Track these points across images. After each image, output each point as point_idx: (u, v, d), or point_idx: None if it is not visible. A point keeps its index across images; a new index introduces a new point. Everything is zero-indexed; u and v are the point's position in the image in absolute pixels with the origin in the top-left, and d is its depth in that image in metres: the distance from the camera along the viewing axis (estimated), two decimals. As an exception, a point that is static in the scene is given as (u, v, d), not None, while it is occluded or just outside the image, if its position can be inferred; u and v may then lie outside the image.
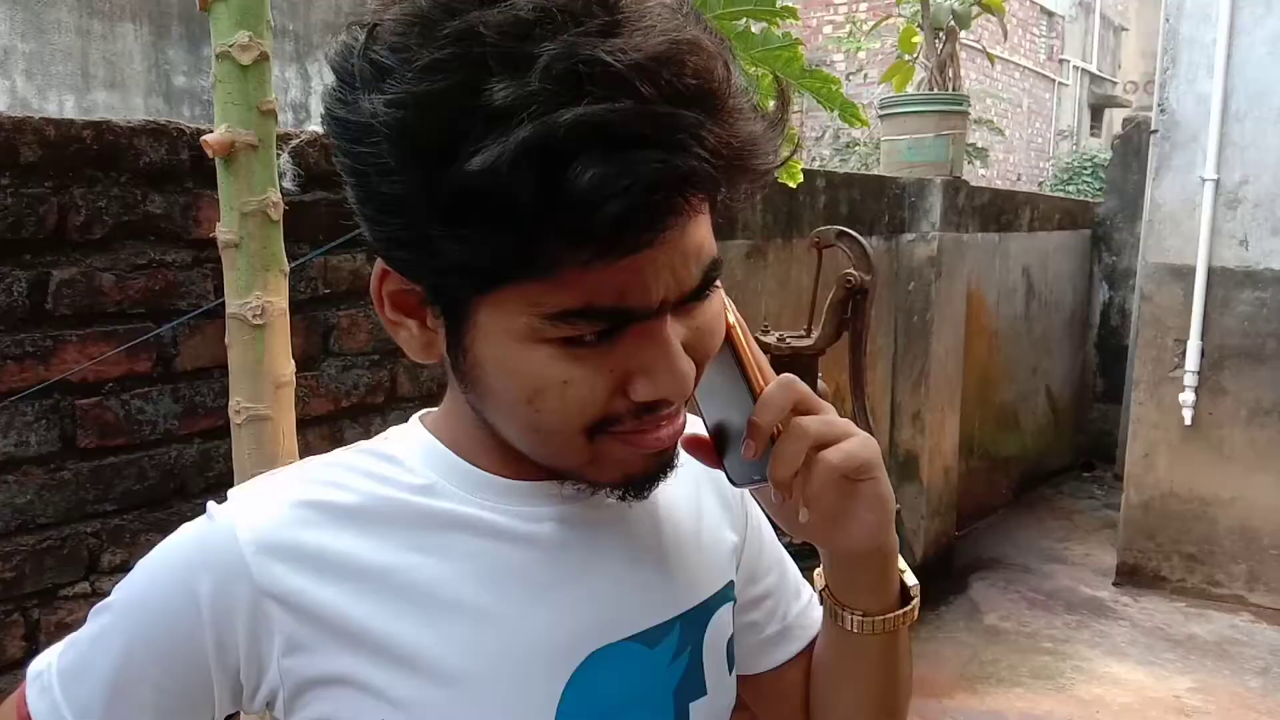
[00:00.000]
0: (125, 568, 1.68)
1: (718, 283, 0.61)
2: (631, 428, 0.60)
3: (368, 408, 2.00)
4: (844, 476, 0.65)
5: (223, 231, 1.03)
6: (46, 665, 0.67)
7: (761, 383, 0.66)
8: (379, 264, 0.61)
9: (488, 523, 0.66)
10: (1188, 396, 4.36)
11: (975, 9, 4.32)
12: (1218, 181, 4.25)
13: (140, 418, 1.69)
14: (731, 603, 0.77)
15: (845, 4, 12.89)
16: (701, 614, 0.73)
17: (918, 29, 4.42)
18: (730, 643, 0.76)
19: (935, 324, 4.17)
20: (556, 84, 0.49)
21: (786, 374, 0.66)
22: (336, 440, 1.95)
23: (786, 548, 0.86)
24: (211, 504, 0.66)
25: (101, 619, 0.66)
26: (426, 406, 0.74)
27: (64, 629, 1.60)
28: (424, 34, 0.52)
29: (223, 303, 1.11)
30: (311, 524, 0.64)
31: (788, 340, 2.66)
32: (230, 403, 1.04)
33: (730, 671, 0.76)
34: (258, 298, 1.02)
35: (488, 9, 0.51)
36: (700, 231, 0.57)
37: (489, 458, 0.67)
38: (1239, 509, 4.37)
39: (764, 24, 1.39)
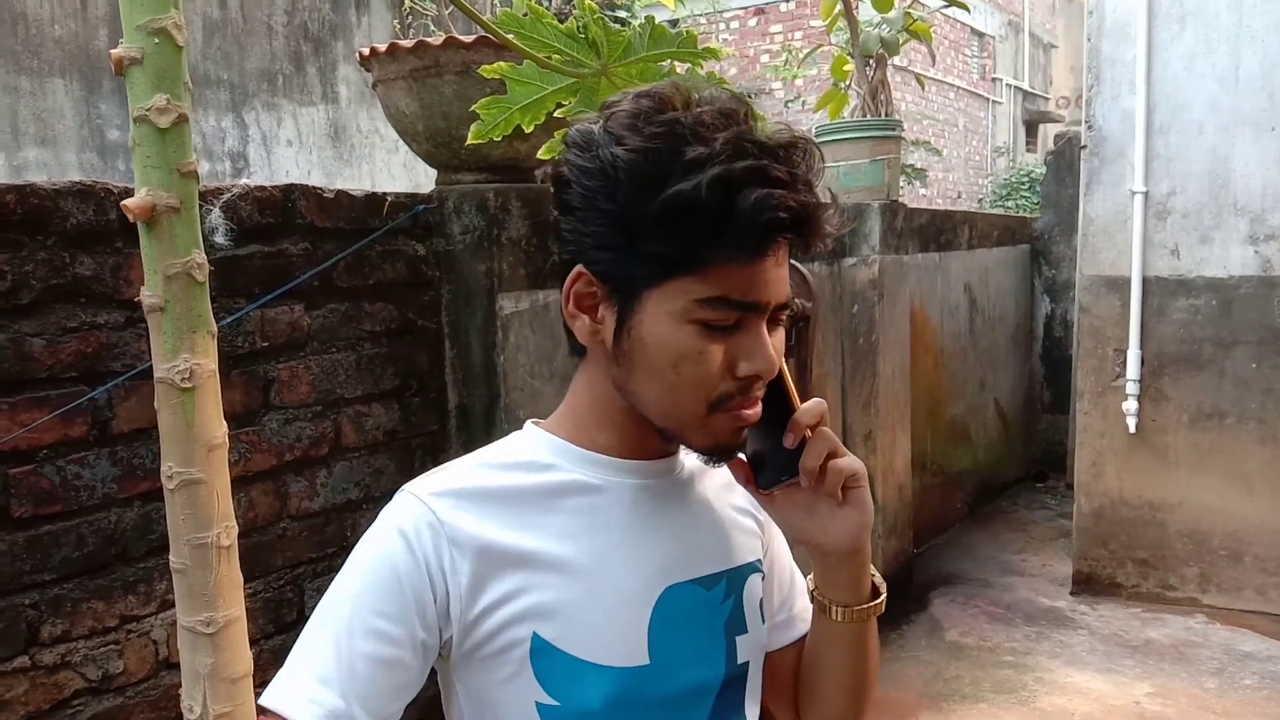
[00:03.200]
0: (68, 638, 1.64)
1: (784, 319, 0.91)
2: (736, 403, 0.87)
3: (312, 460, 1.97)
4: (845, 483, 0.89)
5: (147, 296, 1.01)
6: (269, 687, 0.87)
7: (801, 400, 0.92)
8: (575, 270, 0.89)
9: (593, 486, 0.94)
10: (1130, 404, 4.44)
11: (904, 36, 4.40)
12: (1146, 194, 4.36)
13: (77, 483, 1.65)
14: (760, 574, 1.03)
15: (781, 33, 13.07)
16: (740, 574, 1.00)
17: (849, 57, 4.49)
18: (761, 603, 1.02)
19: (881, 345, 4.22)
20: (732, 149, 0.81)
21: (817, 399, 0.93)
22: (280, 496, 1.93)
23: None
24: (396, 496, 0.92)
25: (324, 606, 0.89)
26: (370, 456, 0.88)
27: (3, 707, 1.56)
28: (645, 120, 0.84)
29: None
30: (465, 505, 0.90)
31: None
32: (162, 468, 1.02)
33: (762, 622, 1.02)
34: (185, 360, 1.00)
35: (684, 112, 0.84)
36: (785, 271, 0.88)
37: (594, 442, 0.95)
38: (1187, 512, 4.44)
39: (688, 65, 1.41)
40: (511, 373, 2.21)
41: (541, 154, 1.29)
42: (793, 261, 2.73)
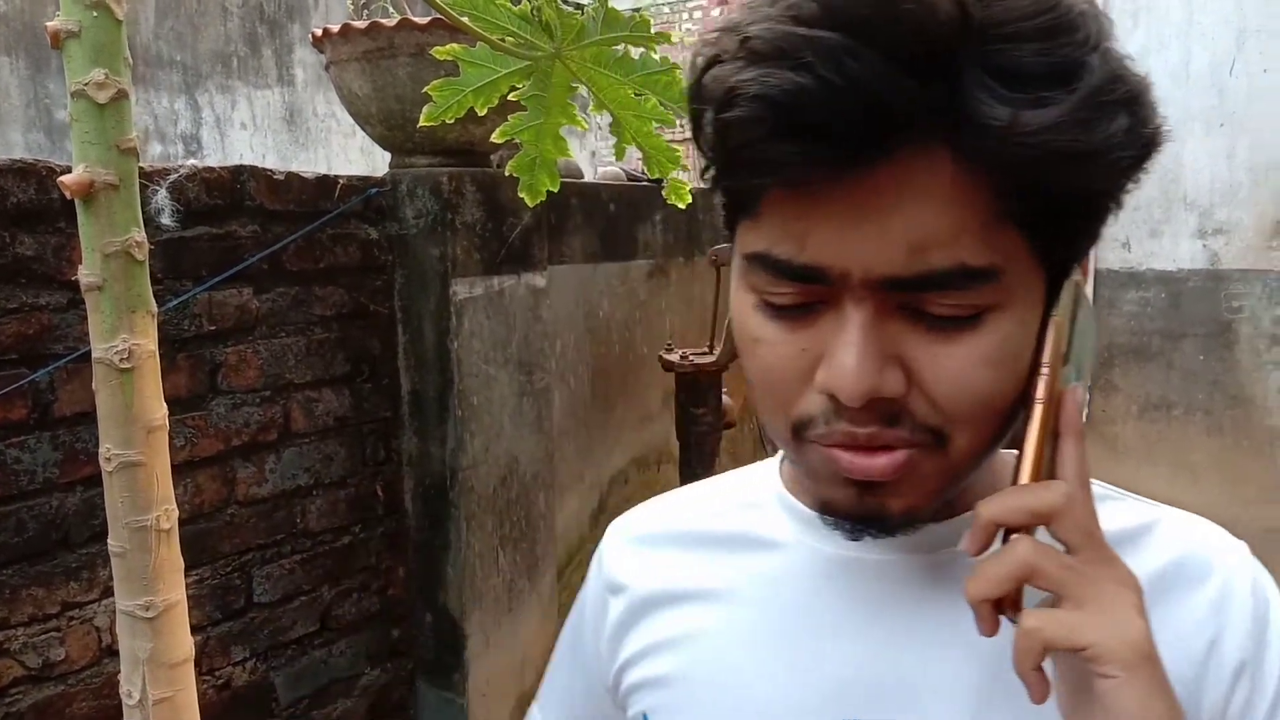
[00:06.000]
0: (7, 625, 1.61)
1: (990, 321, 0.50)
2: (821, 434, 0.52)
3: (260, 446, 1.95)
4: (1063, 653, 0.47)
5: (85, 274, 0.99)
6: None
7: (1031, 474, 0.51)
8: None
9: (770, 544, 0.65)
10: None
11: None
12: (1099, 187, 4.42)
13: (17, 467, 1.62)
14: None
15: (742, 23, 13.09)
16: None
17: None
18: None
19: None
20: (791, 9, 0.46)
21: (1066, 484, 0.49)
22: (228, 481, 1.90)
23: None
24: None
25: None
26: (321, 442, 0.85)
27: (-60, 694, 1.52)
28: None
29: (93, 346, 1.07)
30: (637, 551, 0.72)
31: (690, 357, 2.68)
32: (100, 450, 1.00)
33: None
34: (124, 340, 0.98)
35: None
36: (922, 209, 0.47)
37: (793, 476, 0.66)
38: (1134, 501, 4.52)
39: (642, 49, 1.40)
40: (465, 359, 2.20)
41: (495, 137, 1.28)
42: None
